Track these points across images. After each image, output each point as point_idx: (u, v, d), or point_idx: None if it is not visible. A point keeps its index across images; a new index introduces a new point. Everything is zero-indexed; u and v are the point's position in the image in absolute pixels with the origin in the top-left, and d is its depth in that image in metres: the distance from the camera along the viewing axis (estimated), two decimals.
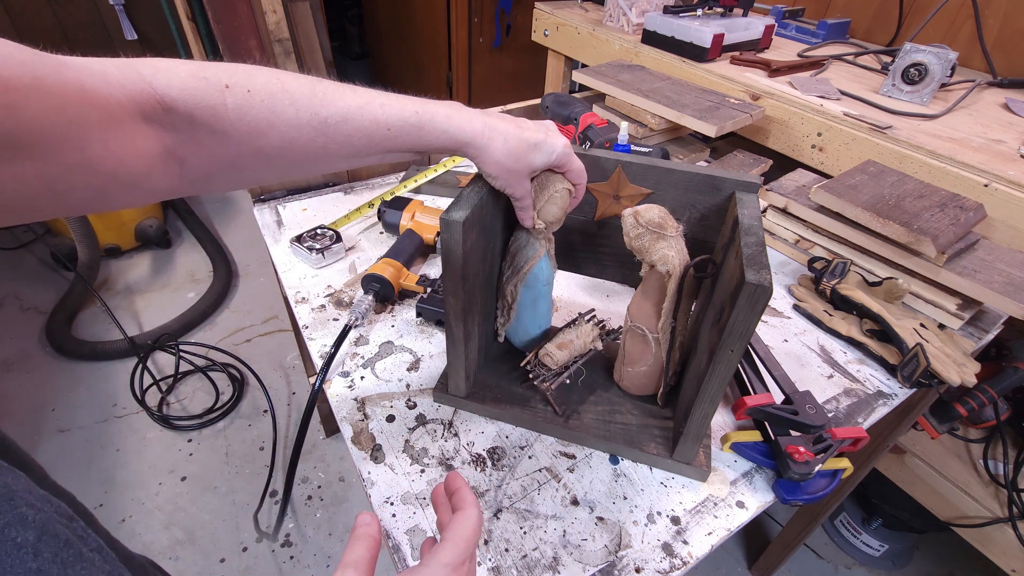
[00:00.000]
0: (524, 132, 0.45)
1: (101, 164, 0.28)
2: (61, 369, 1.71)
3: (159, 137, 0.31)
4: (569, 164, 0.49)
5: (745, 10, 1.33)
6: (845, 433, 0.54)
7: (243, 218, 2.45)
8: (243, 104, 0.33)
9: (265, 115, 0.34)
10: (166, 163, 0.32)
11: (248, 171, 0.36)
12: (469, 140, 0.43)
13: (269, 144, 0.35)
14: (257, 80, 0.34)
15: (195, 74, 0.32)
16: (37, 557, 0.20)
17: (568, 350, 0.58)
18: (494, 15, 2.72)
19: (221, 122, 0.32)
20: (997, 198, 0.80)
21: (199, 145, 0.32)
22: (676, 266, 0.49)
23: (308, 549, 1.33)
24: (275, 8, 1.22)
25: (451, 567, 0.33)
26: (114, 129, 0.28)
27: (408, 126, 0.40)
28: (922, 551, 1.42)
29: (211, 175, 0.35)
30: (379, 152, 0.41)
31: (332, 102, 0.37)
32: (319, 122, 0.36)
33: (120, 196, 0.31)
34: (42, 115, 0.24)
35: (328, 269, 0.77)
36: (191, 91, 0.31)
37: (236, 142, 0.33)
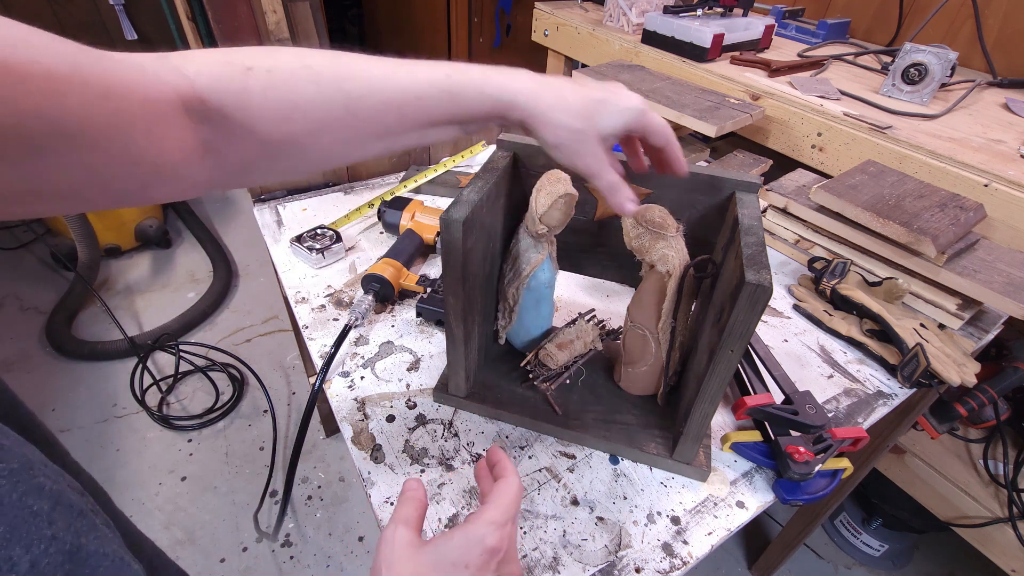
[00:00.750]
0: (587, 87, 0.39)
1: (145, 155, 0.28)
2: (61, 369, 1.71)
3: (197, 129, 0.31)
4: (649, 125, 0.40)
5: (745, 10, 1.33)
6: (845, 433, 0.54)
7: (243, 218, 2.45)
8: (266, 86, 0.32)
9: (288, 95, 0.33)
10: (205, 156, 0.31)
11: (285, 159, 0.35)
12: (512, 100, 0.37)
13: (298, 128, 0.34)
14: (279, 59, 0.33)
15: (220, 60, 0.31)
16: (52, 525, 0.21)
17: (568, 350, 0.58)
18: (494, 15, 2.72)
19: (248, 107, 0.32)
20: (997, 198, 0.80)
21: (232, 134, 0.32)
22: (676, 266, 0.49)
23: (308, 549, 1.33)
24: (275, 8, 1.22)
25: (496, 525, 0.34)
26: (157, 120, 0.28)
27: (439, 92, 0.36)
28: (922, 551, 1.42)
29: (248, 165, 0.34)
30: (414, 127, 0.37)
31: (356, 74, 0.34)
32: (344, 97, 0.34)
33: (162, 188, 0.30)
34: (86, 104, 0.24)
35: (328, 269, 0.77)
36: (218, 77, 0.31)
37: (266, 128, 0.33)
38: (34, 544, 0.20)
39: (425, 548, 0.34)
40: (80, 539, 0.22)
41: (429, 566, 0.33)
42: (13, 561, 0.19)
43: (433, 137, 0.39)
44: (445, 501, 0.51)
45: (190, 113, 0.30)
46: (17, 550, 0.19)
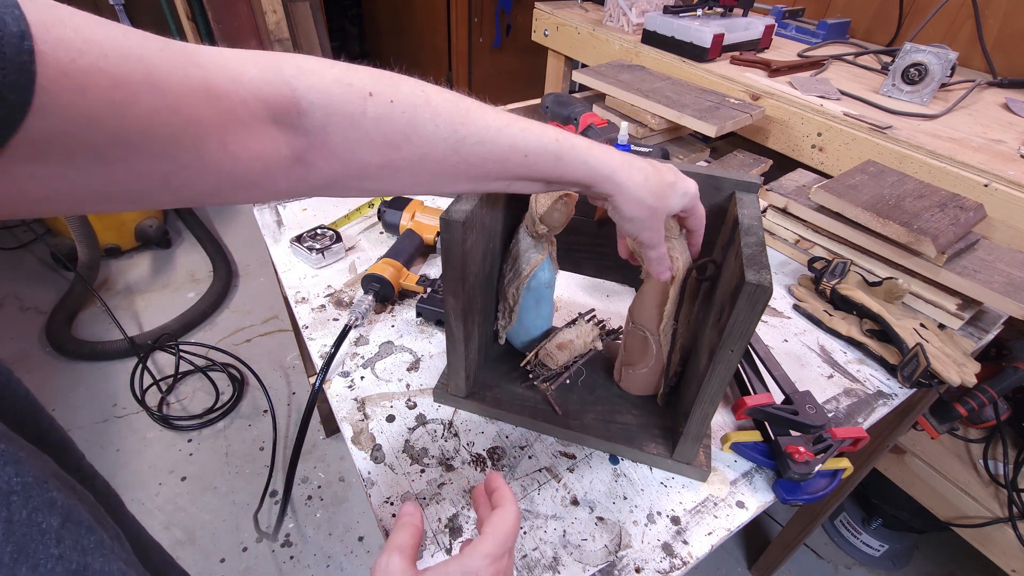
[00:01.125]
0: (661, 171, 0.43)
1: (218, 165, 0.27)
2: (61, 369, 1.71)
3: (288, 140, 0.30)
4: (696, 209, 0.46)
5: (745, 10, 1.33)
6: (845, 433, 0.54)
7: (243, 218, 2.45)
8: (383, 115, 0.32)
9: (403, 128, 0.32)
10: (292, 167, 0.31)
11: (373, 181, 0.35)
12: (610, 174, 0.40)
13: (401, 157, 0.33)
14: (401, 90, 0.33)
15: (340, 79, 0.31)
16: (60, 544, 0.21)
17: (568, 350, 0.58)
18: (494, 15, 2.72)
19: (357, 131, 0.31)
20: (997, 198, 0.80)
21: (329, 152, 0.31)
22: (680, 268, 0.49)
23: (308, 549, 1.33)
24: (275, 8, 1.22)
25: (491, 558, 0.34)
26: (235, 129, 0.27)
27: (547, 154, 0.37)
28: (922, 551, 1.42)
29: (336, 182, 0.34)
30: (508, 178, 0.38)
31: (473, 121, 0.35)
32: (456, 140, 0.34)
33: (236, 194, 0.30)
34: (153, 113, 0.23)
35: (328, 269, 0.77)
36: (332, 96, 0.30)
37: (368, 152, 0.32)
38: (41, 564, 0.20)
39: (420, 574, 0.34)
40: (87, 558, 0.22)
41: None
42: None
43: (519, 188, 0.40)
44: (445, 501, 0.51)
45: (282, 123, 0.29)
46: (23, 569, 0.19)
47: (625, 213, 0.42)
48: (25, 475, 0.21)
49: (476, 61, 2.99)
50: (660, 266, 0.47)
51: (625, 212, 0.42)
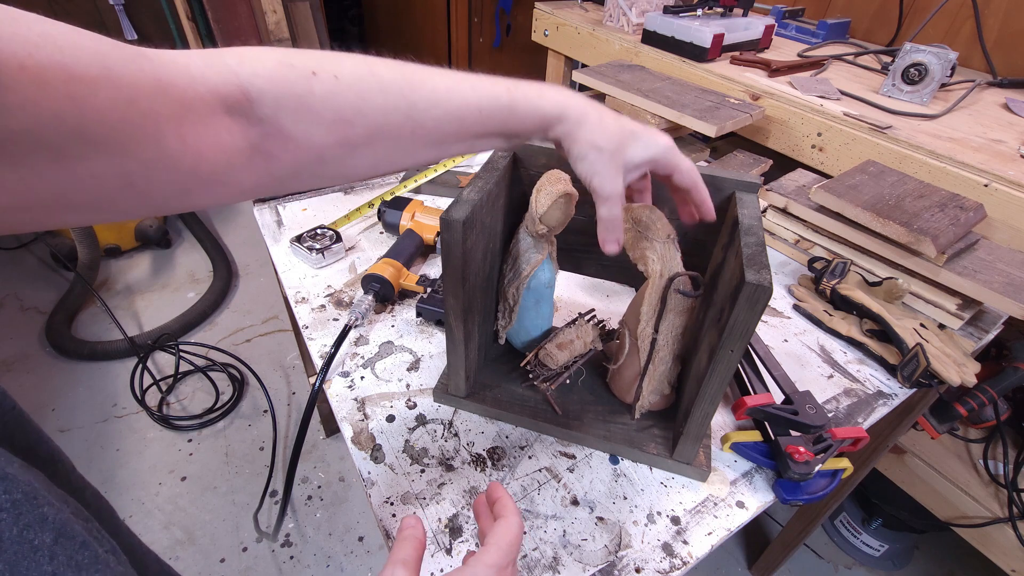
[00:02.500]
0: (623, 119, 0.41)
1: (180, 160, 0.27)
2: (61, 369, 1.71)
3: (243, 131, 0.30)
4: (676, 164, 0.42)
5: (745, 10, 1.33)
6: (845, 433, 0.54)
7: (243, 218, 2.45)
8: (331, 91, 0.32)
9: (353, 101, 0.32)
10: (252, 158, 0.31)
11: (335, 164, 0.35)
12: (560, 113, 0.39)
13: (356, 133, 0.33)
14: (344, 65, 0.33)
15: (282, 62, 0.31)
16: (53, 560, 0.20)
17: (568, 350, 0.58)
18: (494, 15, 2.72)
19: (308, 111, 0.31)
20: (997, 198, 0.80)
21: (285, 137, 0.31)
22: (655, 272, 0.49)
23: (308, 549, 1.33)
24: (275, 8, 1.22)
25: (495, 568, 0.34)
26: (192, 122, 0.27)
27: (500, 106, 0.37)
28: (922, 551, 1.42)
29: (298, 170, 0.34)
30: (468, 138, 0.38)
31: (422, 84, 0.35)
32: (408, 106, 0.34)
33: (204, 194, 0.30)
34: (111, 107, 0.23)
35: (328, 269, 0.77)
36: (278, 79, 0.30)
37: (322, 132, 0.32)
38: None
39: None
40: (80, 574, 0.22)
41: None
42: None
43: (479, 147, 0.40)
44: (445, 501, 0.51)
45: (236, 113, 0.29)
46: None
47: (575, 152, 0.40)
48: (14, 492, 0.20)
49: (476, 61, 2.99)
50: (608, 230, 0.42)
51: (575, 151, 0.40)
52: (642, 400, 0.55)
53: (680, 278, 0.49)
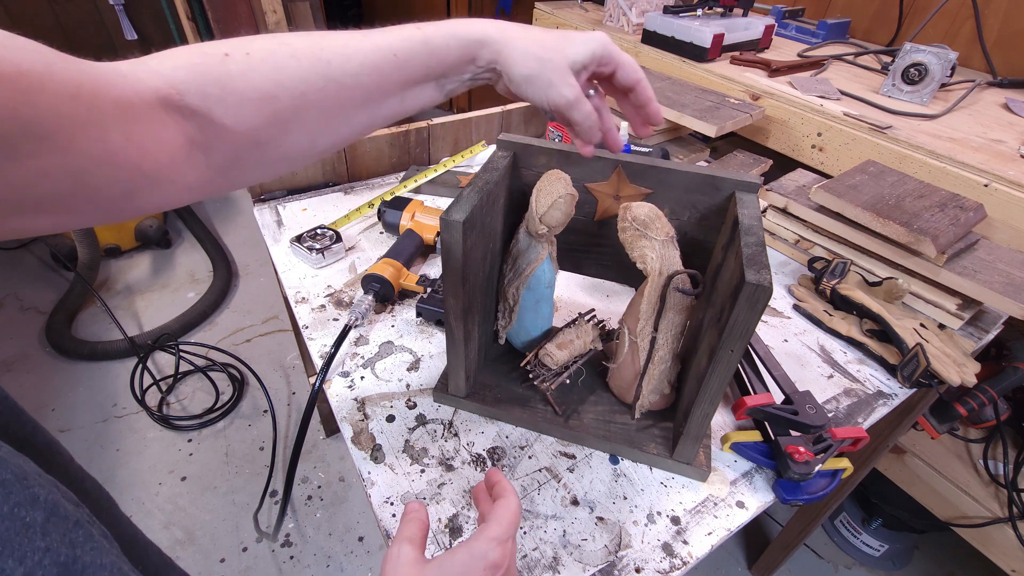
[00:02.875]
0: (548, 29, 0.40)
1: (124, 156, 0.27)
2: (61, 369, 1.71)
3: (180, 126, 0.30)
4: (617, 58, 0.41)
5: (745, 10, 1.33)
6: (845, 433, 0.54)
7: (243, 218, 2.45)
8: (246, 68, 0.32)
9: (270, 73, 0.33)
10: (191, 153, 0.31)
11: (271, 145, 0.35)
12: (483, 37, 0.38)
13: (283, 106, 0.34)
14: (254, 43, 0.33)
15: (194, 51, 0.32)
16: (46, 537, 0.21)
17: (568, 350, 0.58)
18: (494, 15, 2.72)
19: (232, 93, 0.32)
20: (997, 198, 0.80)
21: (217, 125, 0.32)
22: (655, 270, 0.49)
23: (308, 549, 1.33)
24: (275, 8, 1.22)
25: (497, 541, 0.34)
26: (134, 119, 0.28)
27: (414, 43, 0.37)
28: (922, 551, 1.42)
29: (238, 158, 0.34)
30: (394, 89, 0.37)
31: (332, 42, 0.35)
32: (323, 66, 0.34)
33: (152, 194, 0.30)
34: (59, 102, 0.24)
35: (328, 269, 0.77)
36: (195, 69, 0.31)
37: (251, 112, 0.33)
38: (27, 556, 0.19)
39: (429, 565, 0.34)
40: (76, 551, 0.21)
41: None
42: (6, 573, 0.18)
43: (412, 100, 0.39)
44: (445, 501, 0.51)
45: (171, 109, 0.30)
46: (10, 562, 0.19)
47: (517, 74, 0.38)
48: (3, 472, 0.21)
49: None
50: (590, 129, 0.41)
51: (517, 72, 0.38)
52: (642, 400, 0.55)
53: (679, 276, 0.49)
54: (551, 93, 0.39)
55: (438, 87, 0.40)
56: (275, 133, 0.34)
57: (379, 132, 0.95)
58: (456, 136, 1.02)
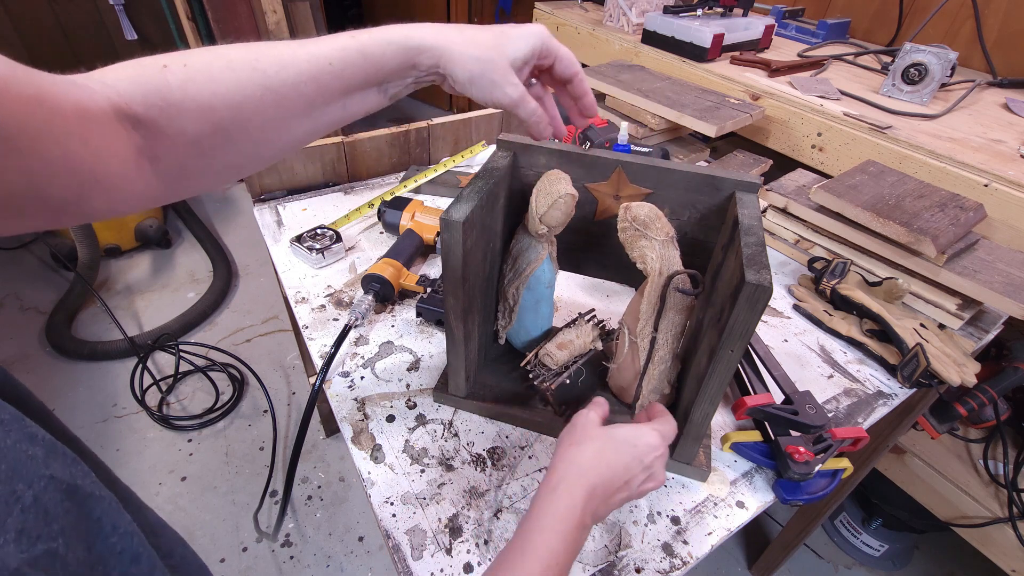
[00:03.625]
0: (486, 26, 0.40)
1: (81, 162, 0.28)
2: (61, 369, 1.71)
3: (130, 136, 0.31)
4: (555, 50, 0.42)
5: (745, 10, 1.33)
6: (845, 433, 0.54)
7: (243, 218, 2.45)
8: (185, 79, 0.33)
9: (206, 84, 0.34)
10: (139, 162, 0.32)
11: (215, 154, 0.36)
12: (420, 43, 0.38)
13: (222, 116, 0.34)
14: (193, 55, 0.34)
15: (135, 65, 0.33)
16: (48, 467, 0.22)
17: (568, 350, 0.58)
18: (494, 15, 2.72)
19: (172, 105, 0.33)
20: (997, 198, 0.80)
21: (162, 135, 0.33)
22: (655, 270, 0.49)
23: (308, 549, 1.32)
24: (275, 8, 1.22)
25: (659, 434, 0.44)
26: (92, 127, 0.29)
27: (349, 52, 0.37)
28: (922, 551, 1.42)
29: (184, 167, 0.35)
30: (335, 96, 0.37)
31: (267, 53, 0.35)
32: (260, 76, 0.35)
33: (101, 199, 0.31)
34: (20, 107, 0.24)
35: (328, 269, 0.77)
36: (137, 81, 0.32)
37: (192, 122, 0.33)
38: (35, 482, 0.20)
39: (604, 428, 0.43)
40: (76, 480, 0.23)
41: (606, 436, 0.42)
42: (18, 494, 0.19)
43: (355, 106, 0.39)
44: (445, 501, 0.51)
45: (122, 120, 0.31)
46: (20, 485, 0.20)
47: (460, 76, 0.39)
48: (2, 412, 0.22)
49: None
50: (537, 123, 0.43)
51: (460, 75, 0.39)
52: (642, 399, 0.55)
53: (679, 276, 0.49)
54: (495, 93, 0.40)
55: (381, 91, 0.40)
56: (218, 142, 0.35)
57: (379, 132, 0.95)
58: (456, 136, 1.02)
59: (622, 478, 0.40)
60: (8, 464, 0.20)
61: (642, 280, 0.53)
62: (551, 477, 0.39)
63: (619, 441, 0.42)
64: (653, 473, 0.43)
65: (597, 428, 0.43)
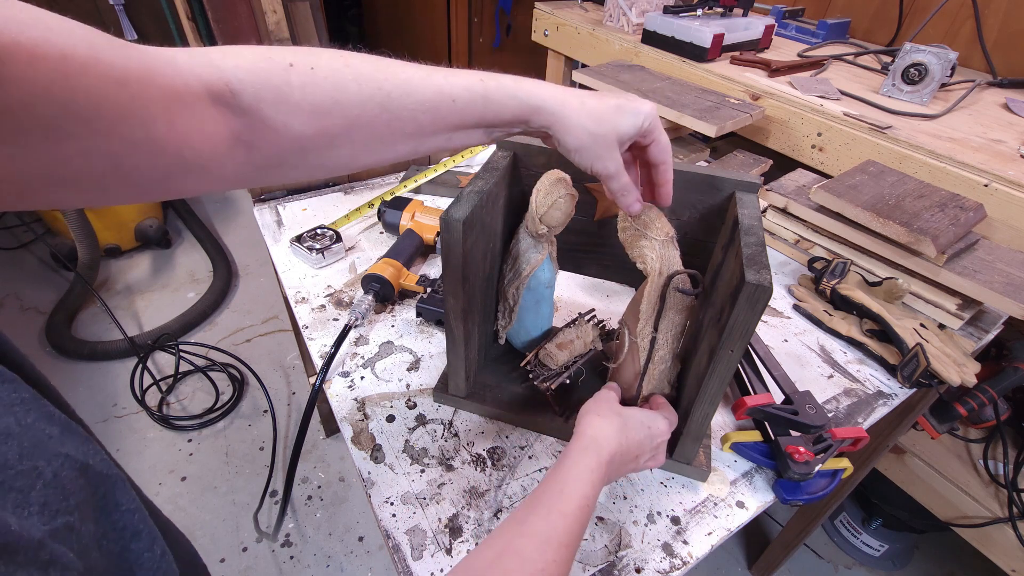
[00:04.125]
0: (603, 96, 0.42)
1: (166, 144, 0.28)
2: (61, 369, 1.71)
3: (227, 121, 0.31)
4: (657, 135, 0.43)
5: (745, 10, 1.33)
6: (845, 433, 0.54)
7: (243, 218, 2.45)
8: (307, 82, 0.33)
9: (329, 91, 0.34)
10: (234, 148, 0.32)
11: (314, 154, 0.36)
12: (541, 104, 0.39)
13: (334, 124, 0.34)
14: (321, 58, 0.34)
15: (261, 55, 0.32)
16: (64, 445, 0.23)
17: (568, 350, 0.58)
18: (494, 15, 2.72)
19: (286, 102, 0.32)
20: (997, 198, 0.80)
21: (266, 128, 0.32)
22: (655, 270, 0.49)
23: (308, 549, 1.33)
24: (275, 8, 1.22)
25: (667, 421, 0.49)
26: (180, 109, 0.28)
27: (474, 95, 0.38)
28: (922, 551, 1.42)
29: (280, 160, 0.35)
30: (445, 129, 0.38)
31: (395, 75, 0.35)
32: (383, 96, 0.35)
33: (188, 180, 0.31)
34: (102, 87, 0.24)
35: (328, 269, 0.77)
36: (257, 72, 0.32)
37: (301, 122, 0.33)
38: (52, 459, 0.21)
39: (624, 407, 0.47)
40: (88, 460, 0.24)
41: (627, 415, 0.46)
42: (39, 470, 0.20)
43: (459, 141, 0.40)
44: (445, 501, 0.51)
45: (219, 105, 0.30)
46: (41, 462, 0.21)
47: (569, 144, 0.41)
48: (22, 391, 0.22)
49: (476, 61, 2.99)
50: (626, 197, 0.44)
51: (569, 143, 0.41)
52: (642, 399, 0.55)
53: (679, 276, 0.49)
54: (596, 164, 0.42)
55: (486, 133, 0.41)
56: (321, 144, 0.35)
57: None
58: None
59: (634, 453, 0.45)
60: (30, 441, 0.21)
61: (642, 280, 0.53)
62: (580, 439, 0.43)
63: (637, 421, 0.46)
64: (656, 454, 0.48)
65: (619, 406, 0.48)
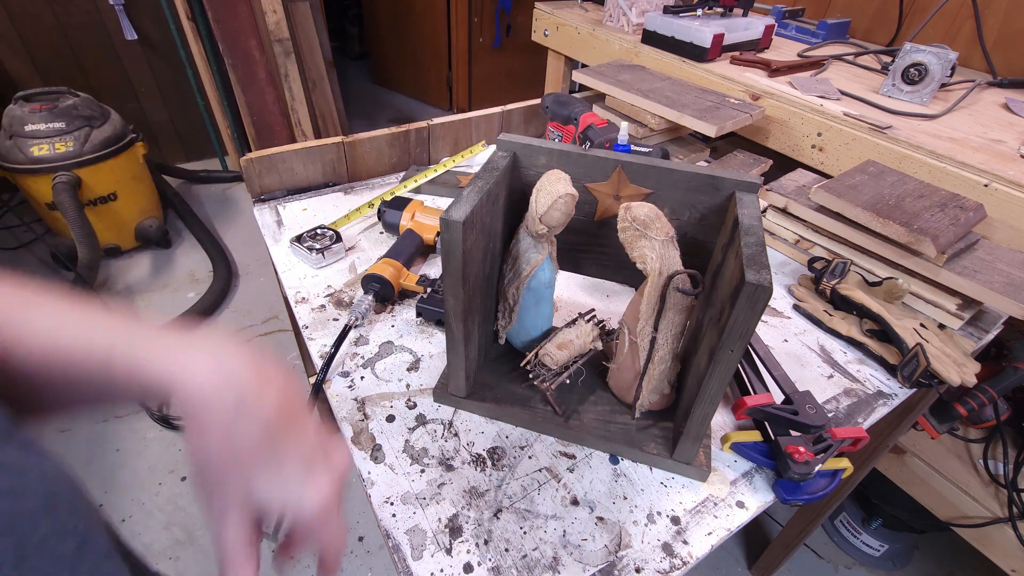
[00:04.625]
0: (277, 422, 0.28)
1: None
2: None
3: None
4: (314, 534, 0.31)
5: (745, 10, 1.33)
6: (845, 433, 0.54)
7: (243, 218, 2.45)
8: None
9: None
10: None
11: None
12: (168, 387, 0.27)
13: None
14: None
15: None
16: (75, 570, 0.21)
17: (568, 350, 0.58)
18: (494, 15, 2.73)
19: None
20: (997, 198, 0.80)
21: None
22: (655, 270, 0.49)
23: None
24: (275, 8, 1.22)
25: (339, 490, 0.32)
26: None
27: (92, 360, 0.27)
28: (922, 551, 1.42)
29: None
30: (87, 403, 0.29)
31: None
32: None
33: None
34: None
35: (328, 269, 0.77)
36: None
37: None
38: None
39: None
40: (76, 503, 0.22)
41: None
42: None
43: None
44: (445, 501, 0.51)
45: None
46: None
47: (188, 448, 0.28)
48: (56, 484, 0.20)
49: (476, 61, 2.99)
50: (225, 569, 0.29)
51: (188, 446, 0.28)
52: (642, 399, 0.55)
53: (679, 276, 0.49)
54: (202, 499, 0.33)
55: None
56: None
57: (379, 132, 0.95)
58: (456, 136, 1.02)
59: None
60: None
61: (642, 280, 0.53)
62: None
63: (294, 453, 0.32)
64: None
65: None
